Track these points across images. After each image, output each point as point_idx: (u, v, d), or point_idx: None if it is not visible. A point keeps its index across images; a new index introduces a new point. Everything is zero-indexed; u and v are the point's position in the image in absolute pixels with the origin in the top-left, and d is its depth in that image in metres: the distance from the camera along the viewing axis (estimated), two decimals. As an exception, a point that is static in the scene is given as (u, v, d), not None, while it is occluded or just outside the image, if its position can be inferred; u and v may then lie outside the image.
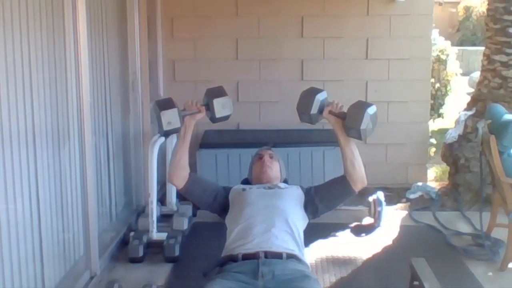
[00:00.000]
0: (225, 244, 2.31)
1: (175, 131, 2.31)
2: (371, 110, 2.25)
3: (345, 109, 2.32)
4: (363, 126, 2.22)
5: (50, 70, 2.65)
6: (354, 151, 2.34)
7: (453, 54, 7.14)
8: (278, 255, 2.14)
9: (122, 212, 3.84)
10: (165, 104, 2.27)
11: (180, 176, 2.40)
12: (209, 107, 2.34)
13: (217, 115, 2.34)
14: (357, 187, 2.38)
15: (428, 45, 4.87)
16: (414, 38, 4.74)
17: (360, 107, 2.27)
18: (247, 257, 2.15)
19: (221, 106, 2.34)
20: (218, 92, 2.36)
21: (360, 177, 2.36)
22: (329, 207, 2.45)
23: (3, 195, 2.23)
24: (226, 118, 2.38)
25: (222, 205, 2.45)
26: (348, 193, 2.41)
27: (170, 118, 2.23)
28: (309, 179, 3.94)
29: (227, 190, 2.49)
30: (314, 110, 2.33)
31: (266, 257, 2.12)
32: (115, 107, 3.68)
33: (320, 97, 2.34)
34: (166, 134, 2.36)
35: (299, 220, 2.36)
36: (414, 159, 4.88)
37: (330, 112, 2.33)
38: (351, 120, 2.26)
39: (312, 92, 2.37)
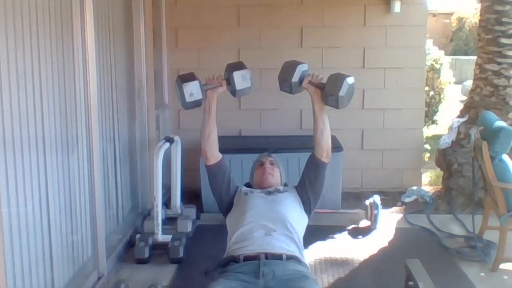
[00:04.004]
0: (226, 246, 2.35)
1: (197, 103, 2.32)
2: (350, 80, 2.34)
3: (324, 81, 2.41)
4: (341, 93, 2.29)
5: (59, 78, 2.70)
6: (326, 121, 2.41)
7: (447, 63, 7.25)
8: (278, 256, 2.19)
9: (129, 215, 3.88)
10: (187, 77, 2.33)
11: (213, 151, 2.42)
12: (229, 81, 2.38)
13: (238, 88, 2.37)
14: (324, 157, 2.42)
15: (423, 54, 4.96)
16: (409, 48, 4.84)
17: (340, 76, 2.36)
18: (248, 258, 2.20)
19: (241, 78, 2.37)
20: (237, 65, 2.41)
21: (326, 146, 2.42)
22: (315, 192, 2.47)
23: (14, 199, 2.26)
24: (247, 90, 2.40)
25: (227, 203, 2.49)
26: (320, 166, 2.44)
27: (192, 90, 2.27)
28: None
29: (236, 189, 2.54)
30: (295, 78, 2.39)
31: (266, 258, 2.17)
32: (122, 114, 3.72)
33: (301, 67, 2.41)
34: (189, 106, 2.33)
35: (299, 223, 2.40)
36: (409, 164, 4.96)
37: (310, 82, 2.40)
38: (330, 87, 2.33)
39: (294, 63, 2.44)
